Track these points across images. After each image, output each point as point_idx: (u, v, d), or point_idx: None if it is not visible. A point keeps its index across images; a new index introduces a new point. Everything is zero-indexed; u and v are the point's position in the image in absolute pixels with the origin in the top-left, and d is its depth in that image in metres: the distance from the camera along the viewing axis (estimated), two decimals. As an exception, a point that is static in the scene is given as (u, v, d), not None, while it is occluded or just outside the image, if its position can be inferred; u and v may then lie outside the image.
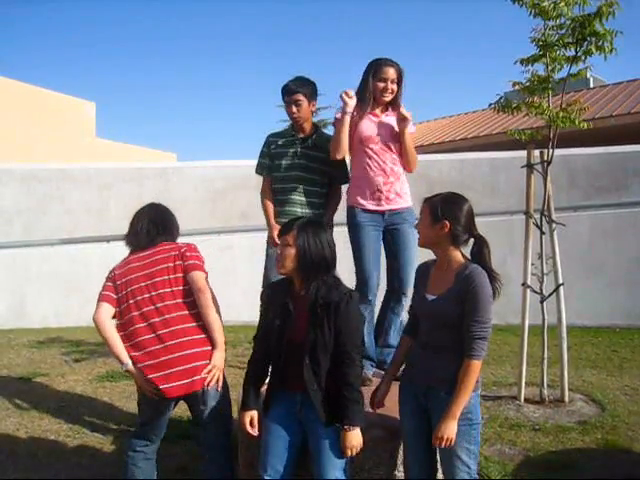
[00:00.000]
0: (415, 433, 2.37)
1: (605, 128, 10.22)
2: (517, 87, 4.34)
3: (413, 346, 2.46)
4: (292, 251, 2.39)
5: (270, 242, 3.65)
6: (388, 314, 3.44)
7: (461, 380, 2.18)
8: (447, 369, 2.25)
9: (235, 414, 3.30)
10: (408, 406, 2.41)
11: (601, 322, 7.10)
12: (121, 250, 3.03)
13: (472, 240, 2.35)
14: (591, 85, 14.68)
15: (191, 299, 2.74)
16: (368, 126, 3.38)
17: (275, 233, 3.47)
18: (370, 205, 3.36)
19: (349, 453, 2.25)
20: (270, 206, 3.70)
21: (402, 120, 3.34)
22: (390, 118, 3.41)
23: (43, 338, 6.54)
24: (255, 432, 2.45)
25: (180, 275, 2.77)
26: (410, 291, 3.32)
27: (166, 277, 2.74)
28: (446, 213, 2.31)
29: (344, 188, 3.67)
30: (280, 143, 3.68)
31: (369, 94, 3.38)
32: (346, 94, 3.37)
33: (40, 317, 7.57)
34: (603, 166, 7.64)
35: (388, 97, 3.37)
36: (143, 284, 2.72)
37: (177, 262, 2.80)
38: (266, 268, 3.73)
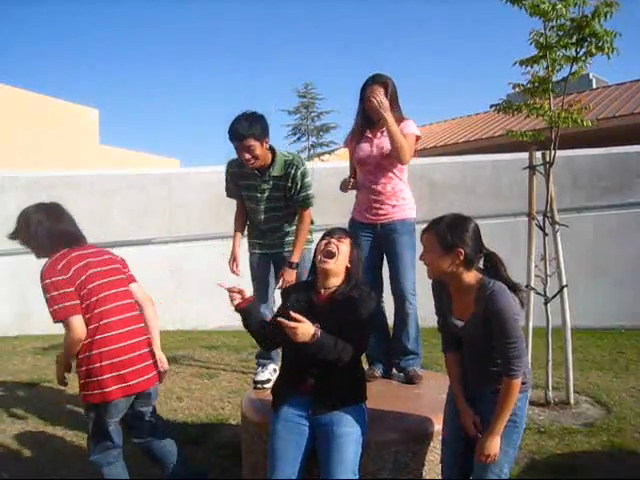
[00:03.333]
0: (457, 436, 2.36)
1: (608, 129, 10.21)
2: (517, 89, 4.34)
3: (460, 359, 2.44)
4: (346, 248, 2.49)
5: (231, 261, 3.78)
6: (396, 321, 3.51)
7: (502, 399, 2.17)
8: (490, 370, 2.25)
9: (238, 419, 3.29)
10: (455, 408, 2.39)
11: (606, 323, 7.06)
12: (124, 255, 3.03)
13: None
14: (594, 86, 14.68)
15: (134, 304, 2.76)
16: (362, 148, 3.53)
17: (234, 265, 3.75)
18: (361, 218, 3.55)
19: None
20: (239, 226, 3.82)
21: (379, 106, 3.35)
22: (384, 134, 3.45)
23: (48, 344, 6.53)
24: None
25: (126, 279, 2.80)
26: (409, 296, 3.42)
27: (117, 277, 2.73)
28: (457, 240, 2.20)
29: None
30: (241, 175, 3.62)
31: (362, 117, 3.52)
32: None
33: (44, 324, 7.55)
34: (606, 167, 7.61)
35: (377, 112, 3.39)
36: (103, 281, 2.65)
37: (125, 268, 2.84)
38: (253, 285, 3.77)
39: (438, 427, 2.53)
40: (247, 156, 3.36)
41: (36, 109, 15.59)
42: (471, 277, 2.25)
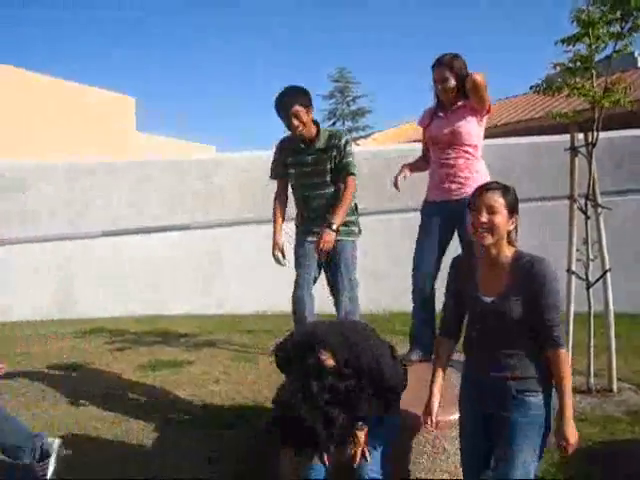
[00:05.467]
0: (474, 427, 2.26)
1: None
2: (559, 68, 4.21)
3: (452, 349, 2.37)
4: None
5: (275, 247, 3.82)
6: None
7: (559, 375, 2.06)
8: (511, 355, 2.12)
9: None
10: (469, 410, 2.29)
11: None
12: (161, 241, 3.06)
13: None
14: (639, 65, 14.19)
15: None
16: (435, 126, 3.57)
17: (277, 250, 3.79)
18: (434, 197, 3.58)
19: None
20: (279, 213, 3.87)
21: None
22: (456, 113, 3.50)
23: (87, 328, 6.68)
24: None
25: None
26: None
27: None
28: (515, 206, 2.17)
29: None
30: (290, 152, 3.75)
31: (436, 98, 3.62)
32: None
33: (83, 308, 7.76)
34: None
35: (446, 94, 3.49)
36: None
37: None
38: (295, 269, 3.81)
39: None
40: (295, 123, 3.51)
41: (73, 98, 15.86)
42: (509, 249, 2.18)
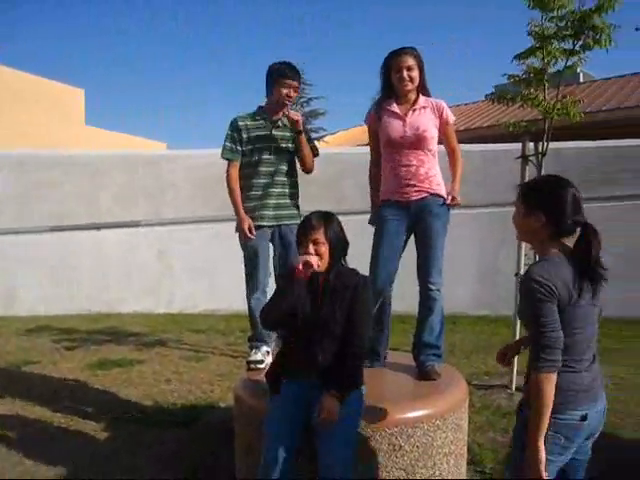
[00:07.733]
0: None
1: (594, 122, 10.28)
2: (512, 80, 4.36)
3: None
4: (325, 248, 2.40)
5: (242, 235, 3.54)
6: (421, 310, 3.23)
7: None
8: None
9: (227, 403, 3.31)
10: None
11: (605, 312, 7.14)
12: (111, 237, 3.00)
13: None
14: (581, 80, 14.77)
15: None
16: (393, 127, 3.19)
17: (245, 226, 3.47)
18: (395, 197, 3.20)
19: (322, 415, 2.20)
20: (239, 194, 3.59)
21: None
22: (417, 115, 3.19)
23: (33, 326, 6.49)
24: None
25: None
26: (440, 285, 3.15)
27: None
28: (542, 203, 1.97)
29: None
30: (251, 127, 3.62)
31: (389, 88, 3.23)
32: None
33: (29, 305, 7.52)
34: (594, 160, 7.69)
35: (408, 86, 3.16)
36: None
37: None
38: (250, 267, 3.57)
39: (432, 411, 2.58)
40: (292, 93, 3.70)
41: (22, 88, 15.35)
42: (555, 252, 2.03)
